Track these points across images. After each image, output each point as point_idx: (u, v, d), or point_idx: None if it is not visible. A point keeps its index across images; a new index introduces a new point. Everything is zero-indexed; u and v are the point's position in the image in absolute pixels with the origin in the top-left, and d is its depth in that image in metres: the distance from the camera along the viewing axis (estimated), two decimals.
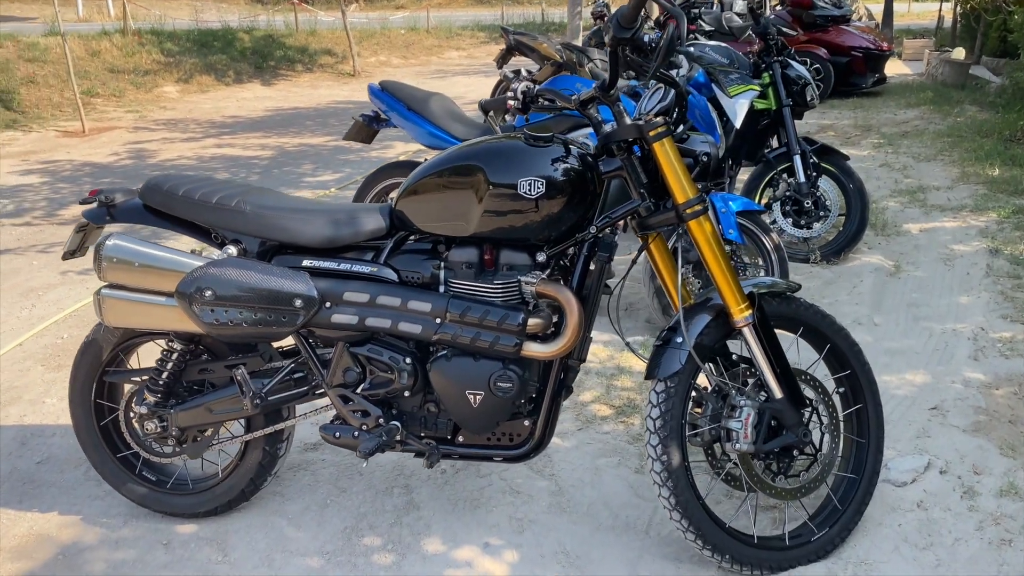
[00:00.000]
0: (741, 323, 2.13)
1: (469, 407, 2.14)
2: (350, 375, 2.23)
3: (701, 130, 3.52)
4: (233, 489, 2.48)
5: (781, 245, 3.57)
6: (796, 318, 2.27)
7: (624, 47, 1.92)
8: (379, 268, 2.19)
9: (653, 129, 2.05)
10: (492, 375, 2.11)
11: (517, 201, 2.04)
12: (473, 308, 2.08)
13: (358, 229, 2.20)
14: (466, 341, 2.09)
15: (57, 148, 9.55)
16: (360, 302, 2.15)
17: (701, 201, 2.08)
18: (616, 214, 2.13)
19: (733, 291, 2.12)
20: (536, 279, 2.09)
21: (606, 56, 5.65)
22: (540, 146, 2.07)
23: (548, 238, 2.11)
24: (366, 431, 2.24)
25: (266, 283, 2.13)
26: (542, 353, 2.09)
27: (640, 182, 2.11)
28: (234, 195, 2.25)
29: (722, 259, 2.11)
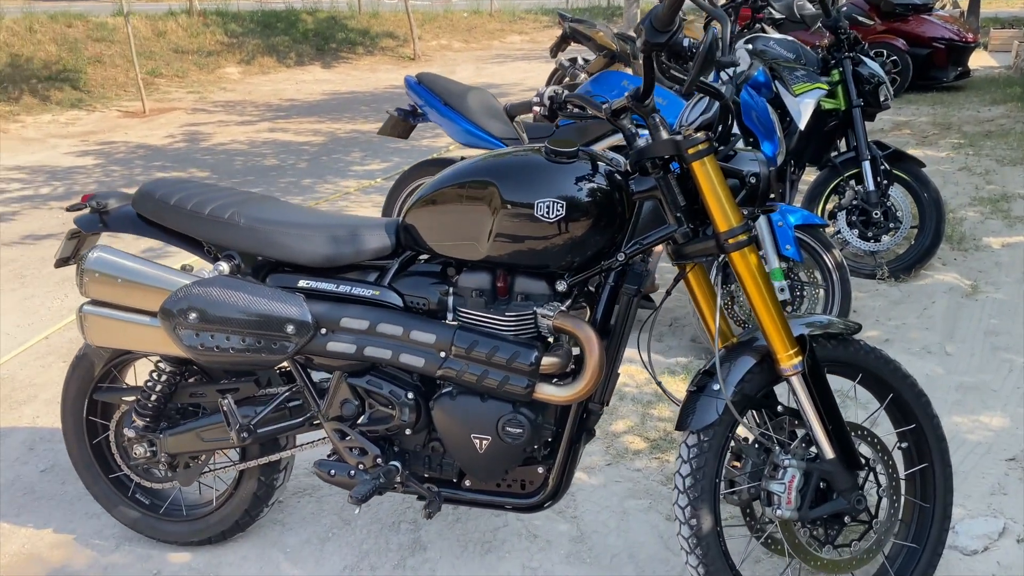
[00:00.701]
0: (789, 372, 1.85)
1: (474, 452, 1.92)
2: (348, 408, 2.02)
3: (759, 136, 3.20)
4: (227, 519, 2.30)
5: (844, 263, 3.24)
6: (854, 363, 1.98)
7: (659, 52, 1.65)
8: (382, 291, 1.98)
9: (692, 146, 1.78)
10: (500, 419, 1.87)
11: (534, 224, 1.79)
12: (481, 342, 1.85)
13: (360, 248, 1.98)
14: (472, 379, 1.86)
15: (116, 129, 9.62)
16: (359, 329, 1.94)
17: (746, 230, 1.81)
18: (648, 240, 1.87)
19: (781, 334, 1.84)
20: (554, 311, 1.84)
21: None
22: (562, 162, 1.82)
23: (569, 265, 1.86)
24: (363, 470, 2.04)
25: (255, 306, 1.93)
26: (557, 397, 1.85)
27: (677, 205, 1.84)
28: (229, 206, 2.05)
29: (768, 296, 1.84)
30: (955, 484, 2.46)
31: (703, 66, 1.61)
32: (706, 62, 1.61)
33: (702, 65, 1.61)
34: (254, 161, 7.49)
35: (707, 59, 1.60)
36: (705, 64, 1.61)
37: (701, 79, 1.74)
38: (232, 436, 2.03)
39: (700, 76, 1.63)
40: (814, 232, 3.23)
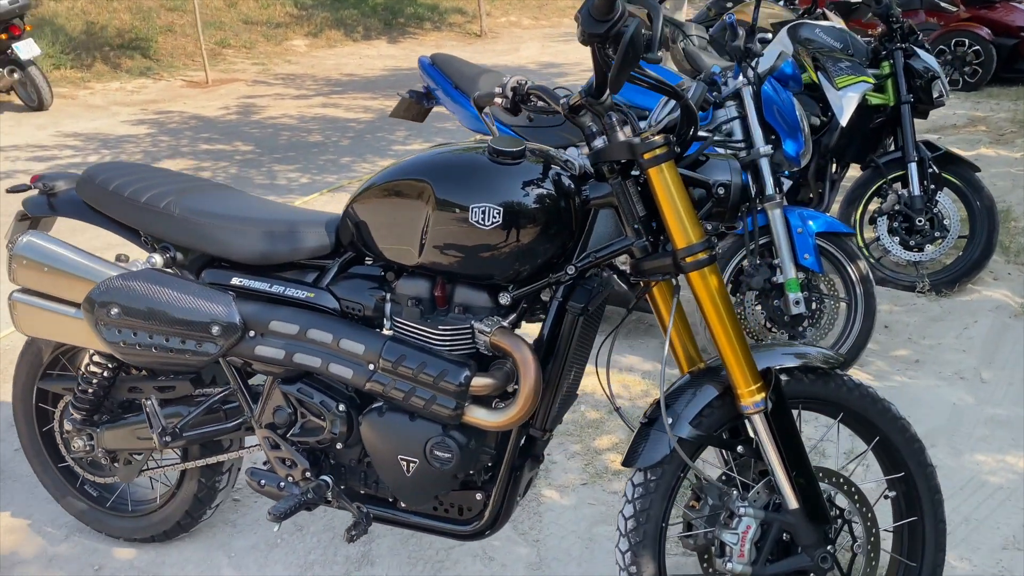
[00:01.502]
0: (750, 409, 1.64)
1: (402, 474, 1.76)
2: (280, 415, 1.89)
3: (780, 133, 2.94)
4: (169, 519, 2.21)
5: (870, 276, 2.96)
6: (835, 401, 1.76)
7: (601, 44, 1.45)
8: (317, 294, 1.83)
9: (648, 150, 1.57)
10: (429, 441, 1.72)
11: (468, 230, 1.62)
12: (409, 357, 1.69)
13: (296, 245, 1.84)
14: (399, 396, 1.71)
15: (177, 98, 9.74)
16: (288, 334, 1.80)
17: (707, 247, 1.60)
18: (603, 253, 1.67)
19: (743, 366, 1.63)
20: (492, 327, 1.66)
21: (704, 33, 5.04)
22: (506, 163, 1.64)
23: (514, 277, 1.68)
24: (293, 483, 1.91)
25: (180, 303, 1.81)
26: (487, 423, 1.68)
27: (634, 215, 1.64)
28: (167, 195, 1.94)
29: (729, 324, 1.63)
30: (965, 533, 2.23)
31: (623, 63, 1.40)
32: (627, 58, 1.39)
33: (622, 62, 1.40)
34: (299, 136, 7.45)
35: (627, 55, 1.39)
36: (625, 61, 1.39)
37: (653, 76, 1.53)
38: (154, 439, 1.93)
39: (622, 74, 1.42)
40: (839, 240, 2.96)
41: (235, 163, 6.58)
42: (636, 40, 1.37)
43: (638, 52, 1.39)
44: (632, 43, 1.36)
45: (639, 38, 1.37)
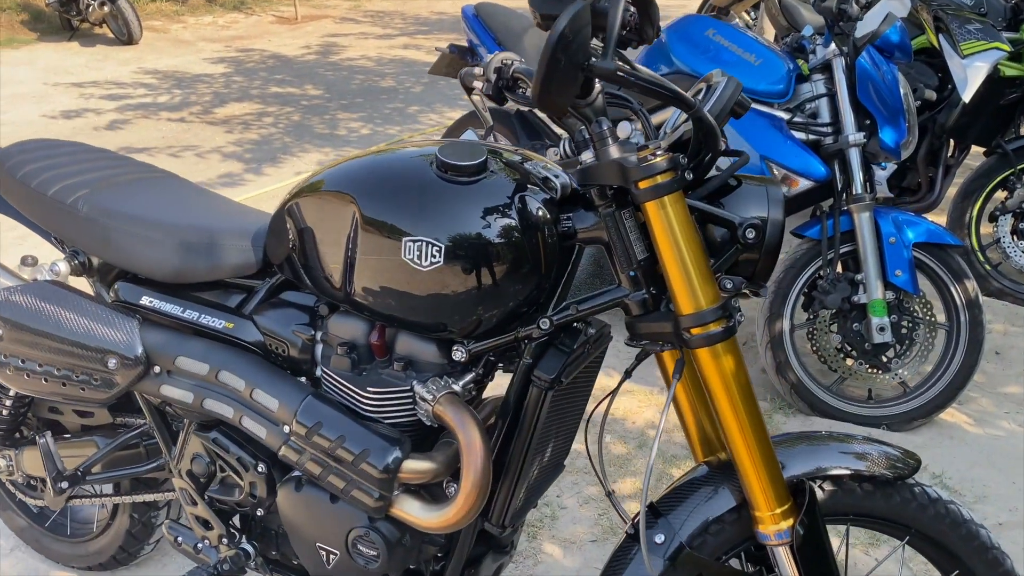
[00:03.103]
0: (770, 540, 1.19)
1: (321, 565, 1.40)
2: (199, 464, 1.55)
3: (878, 118, 2.36)
4: (104, 552, 1.94)
5: (979, 301, 2.39)
6: (900, 521, 1.29)
7: None
8: (237, 324, 1.46)
9: (647, 176, 1.11)
10: (351, 532, 1.34)
11: (401, 268, 1.21)
12: (328, 423, 1.31)
13: (216, 262, 1.47)
14: (315, 472, 1.33)
15: (263, 35, 9.55)
16: (197, 374, 1.44)
17: (723, 315, 1.14)
18: (587, 305, 1.23)
19: (763, 481, 1.18)
20: (437, 392, 1.26)
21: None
22: (457, 181, 1.20)
23: (469, 329, 1.26)
24: (211, 546, 1.58)
25: (74, 328, 1.48)
26: (419, 522, 1.29)
27: (630, 257, 1.19)
28: (80, 187, 1.59)
29: (748, 421, 1.18)
30: None
31: (548, 73, 0.93)
32: (554, 66, 0.92)
33: (546, 72, 0.93)
34: (372, 81, 7.11)
35: (554, 62, 0.91)
36: (552, 69, 0.92)
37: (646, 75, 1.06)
38: (48, 483, 1.62)
39: (551, 86, 0.95)
40: (942, 254, 2.39)
41: (300, 109, 6.29)
42: (566, 42, 0.90)
43: (575, 60, 0.93)
44: (562, 46, 0.90)
45: (574, 38, 0.90)
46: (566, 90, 0.97)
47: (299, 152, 5.32)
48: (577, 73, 0.95)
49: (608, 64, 0.94)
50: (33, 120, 6.03)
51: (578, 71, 0.95)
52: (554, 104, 0.98)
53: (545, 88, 0.94)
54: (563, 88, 0.96)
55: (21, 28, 9.30)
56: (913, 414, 2.43)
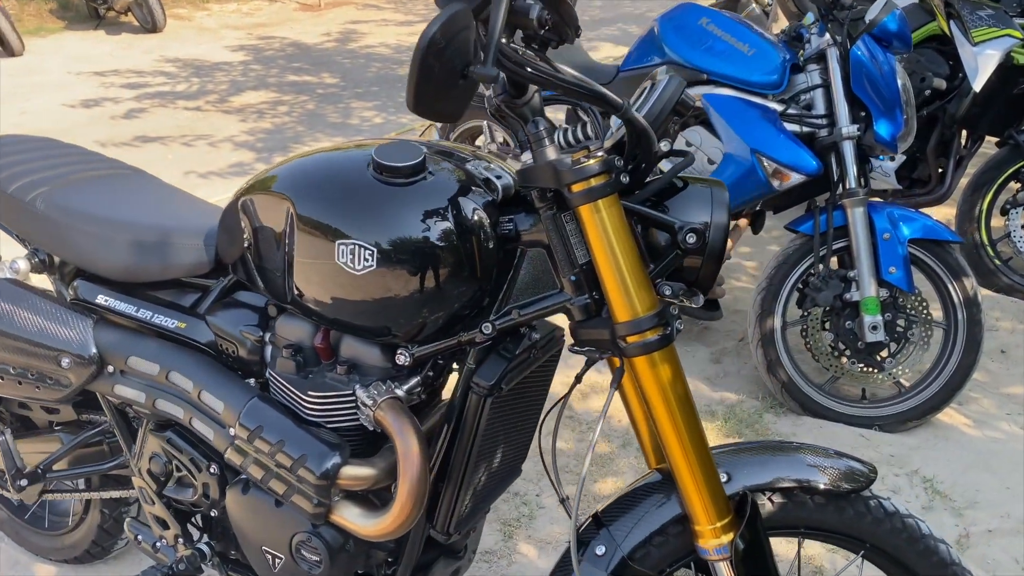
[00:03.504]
0: (708, 555, 1.15)
1: (267, 568, 1.39)
2: (156, 464, 1.54)
3: (873, 111, 2.28)
4: (79, 546, 1.95)
5: (978, 299, 2.31)
6: (854, 535, 1.24)
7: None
8: (189, 324, 1.45)
9: (580, 179, 1.07)
10: (294, 536, 1.32)
11: (336, 272, 1.18)
12: (269, 427, 1.29)
13: (168, 261, 1.45)
14: (258, 476, 1.32)
15: (285, 22, 9.58)
16: (148, 374, 1.43)
17: (660, 323, 1.10)
18: (529, 310, 1.20)
19: (702, 494, 1.14)
20: (379, 397, 1.23)
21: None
22: (394, 182, 1.17)
23: (411, 334, 1.23)
24: (168, 545, 1.58)
25: (28, 326, 1.48)
26: (357, 528, 1.27)
27: (571, 261, 1.15)
28: (41, 184, 1.58)
29: (686, 432, 1.14)
30: None
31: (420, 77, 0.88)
32: (425, 72, 0.88)
33: (418, 74, 0.88)
34: (389, 69, 7.09)
35: (425, 66, 0.87)
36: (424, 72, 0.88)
37: (569, 75, 1.02)
38: (7, 482, 1.63)
39: (425, 92, 0.90)
40: (939, 250, 2.31)
41: (315, 98, 6.29)
42: (438, 49, 0.86)
43: (451, 67, 0.89)
44: (433, 52, 0.86)
45: (448, 43, 0.86)
46: (449, 98, 0.93)
47: (310, 142, 5.32)
48: (457, 79, 0.91)
49: (488, 70, 0.90)
50: (53, 109, 6.10)
51: (458, 77, 0.91)
52: (436, 112, 0.95)
53: (420, 96, 0.90)
54: (443, 95, 0.92)
55: (50, 17, 9.42)
56: (908, 415, 2.36)
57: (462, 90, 0.94)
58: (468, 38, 0.91)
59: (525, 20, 0.97)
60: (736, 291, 3.19)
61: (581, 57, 2.98)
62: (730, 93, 2.39)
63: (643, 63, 2.57)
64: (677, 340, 1.15)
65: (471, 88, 0.96)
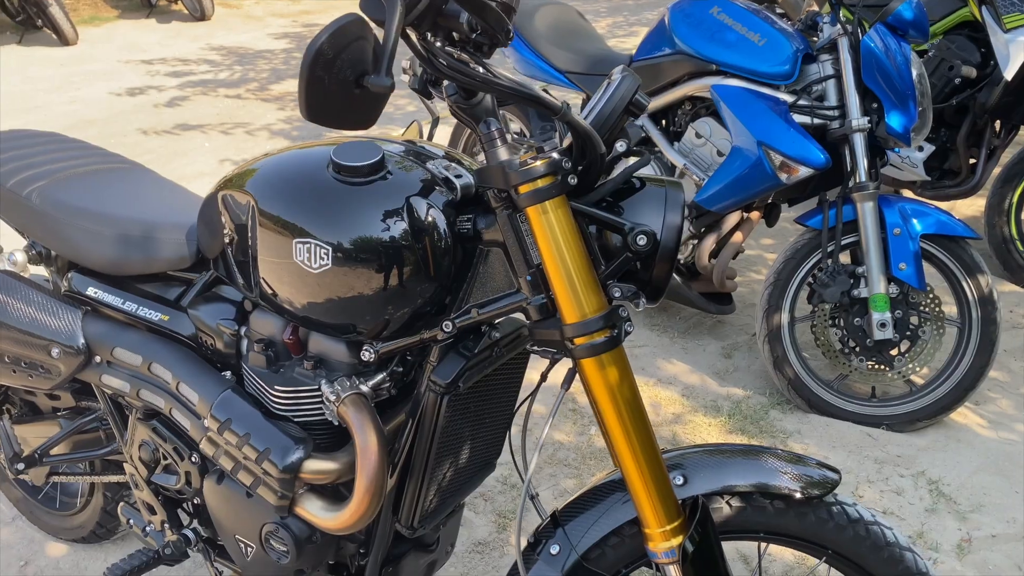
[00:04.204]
0: (660, 558, 1.15)
1: (241, 557, 1.43)
2: (145, 451, 1.59)
3: (884, 103, 2.21)
4: (85, 526, 2.03)
5: (994, 297, 2.24)
6: (815, 541, 1.22)
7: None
8: (173, 316, 1.49)
9: (528, 181, 1.07)
10: (263, 526, 1.36)
11: (295, 270, 1.20)
12: (238, 419, 1.32)
13: (151, 255, 1.49)
14: (228, 467, 1.35)
15: (330, 9, 9.68)
16: (132, 364, 1.48)
17: (607, 324, 1.10)
18: (488, 309, 1.20)
19: (651, 496, 1.14)
20: (343, 392, 1.25)
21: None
22: (351, 182, 1.19)
23: (374, 331, 1.25)
24: (156, 530, 1.63)
25: (21, 317, 1.54)
26: (318, 522, 1.29)
27: (526, 260, 1.15)
28: (38, 179, 1.64)
29: (635, 434, 1.13)
30: None
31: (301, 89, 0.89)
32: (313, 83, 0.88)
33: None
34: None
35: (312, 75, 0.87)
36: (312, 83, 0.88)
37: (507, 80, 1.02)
38: (4, 466, 1.69)
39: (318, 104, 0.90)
40: (953, 246, 2.24)
41: None
42: (324, 59, 0.86)
43: (341, 77, 0.89)
44: (319, 63, 0.86)
45: (336, 54, 0.86)
46: (348, 105, 0.94)
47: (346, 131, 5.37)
48: (352, 89, 0.92)
49: (382, 80, 0.90)
50: (100, 97, 6.27)
51: (353, 87, 0.91)
52: (339, 120, 0.95)
53: (311, 106, 0.91)
54: (340, 104, 0.93)
55: (104, 6, 9.65)
56: (917, 414, 2.31)
57: (364, 98, 0.94)
58: (362, 47, 0.91)
59: (455, 24, 0.97)
60: (753, 284, 3.14)
61: (597, 46, 2.95)
62: (740, 84, 2.34)
63: (654, 54, 2.54)
64: (688, 333, 1.15)
65: (376, 96, 0.96)
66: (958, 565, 1.89)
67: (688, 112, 2.56)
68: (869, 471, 2.17)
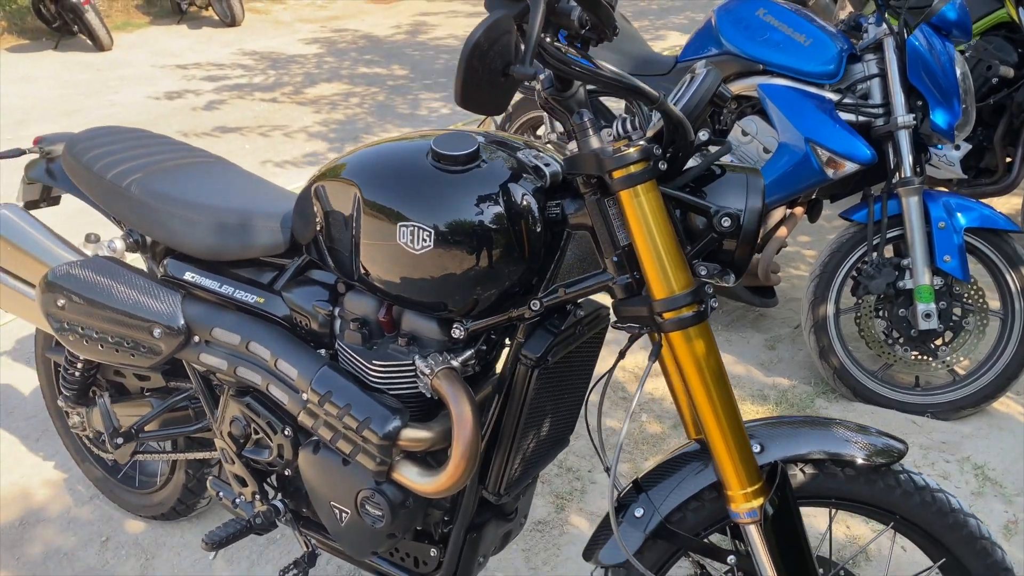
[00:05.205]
0: (740, 518, 1.23)
1: (336, 522, 1.52)
2: (236, 426, 1.69)
3: (930, 101, 2.29)
4: (165, 503, 2.13)
5: None
6: (884, 507, 1.30)
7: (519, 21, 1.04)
8: (267, 299, 1.59)
9: (621, 166, 1.16)
10: (359, 493, 1.45)
11: (398, 251, 1.29)
12: (338, 392, 1.41)
13: (247, 242, 1.59)
14: (327, 436, 1.44)
15: (356, 15, 9.80)
16: (230, 344, 1.58)
17: (695, 300, 1.18)
18: (574, 288, 1.30)
19: (735, 461, 1.22)
20: (436, 366, 1.35)
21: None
22: (450, 170, 1.28)
23: (466, 309, 1.34)
24: (246, 502, 1.73)
25: (125, 299, 1.63)
26: (415, 486, 1.38)
27: (613, 243, 1.24)
28: (134, 171, 1.74)
29: (720, 403, 1.21)
30: None
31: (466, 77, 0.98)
32: (471, 72, 0.97)
33: (464, 76, 0.98)
34: (456, 61, 7.22)
35: (470, 65, 0.97)
36: (470, 75, 0.98)
37: (609, 72, 1.11)
38: (105, 439, 1.80)
39: (469, 89, 1.00)
40: (997, 239, 2.31)
41: (385, 89, 6.47)
42: (481, 51, 0.96)
43: (492, 66, 0.98)
44: (477, 54, 0.96)
45: (491, 46, 0.96)
46: (493, 93, 1.03)
47: (380, 132, 5.49)
48: (499, 78, 1.01)
49: (526, 69, 0.99)
50: (139, 101, 6.41)
51: (500, 76, 1.01)
52: (483, 105, 1.05)
53: (466, 93, 1.01)
54: (487, 91, 1.02)
55: (135, 12, 9.84)
56: (961, 403, 2.38)
57: (504, 86, 1.04)
58: (509, 41, 1.01)
59: (567, 20, 1.07)
60: (793, 279, 3.22)
61: (641, 48, 3.04)
62: (786, 83, 2.43)
63: (700, 54, 2.62)
64: (732, 326, 1.24)
65: (513, 84, 1.05)
66: (1006, 545, 1.96)
67: (734, 111, 2.64)
68: (915, 457, 2.24)
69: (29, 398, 2.80)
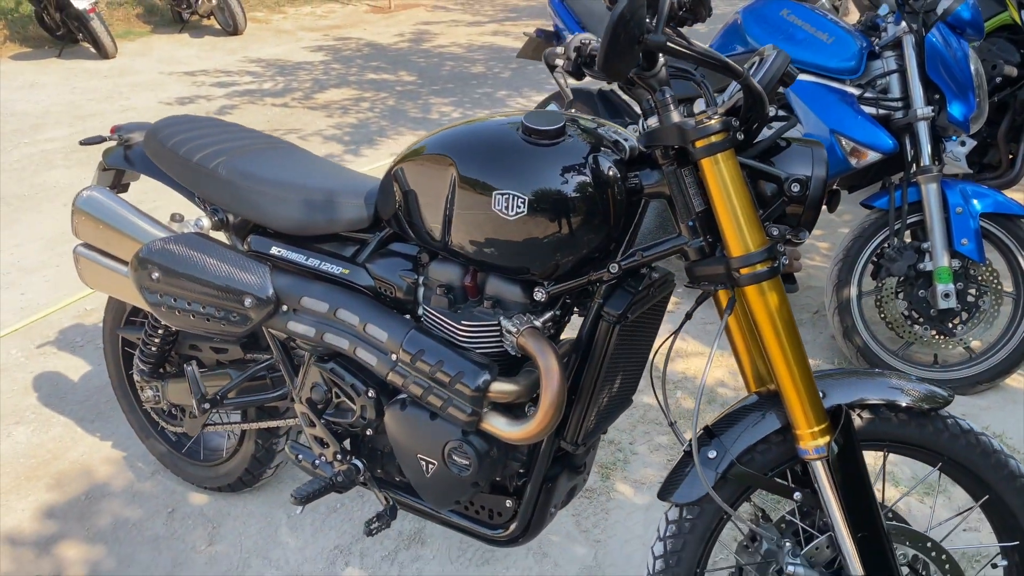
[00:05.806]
0: (808, 455, 1.36)
1: (421, 474, 1.64)
2: (317, 392, 1.81)
3: (947, 94, 2.45)
4: (232, 474, 2.23)
5: None
6: (933, 447, 1.44)
7: None
8: (352, 270, 1.71)
9: (703, 136, 1.30)
10: (447, 444, 1.57)
11: (492, 218, 1.42)
12: (429, 351, 1.54)
13: (333, 216, 1.72)
14: (418, 393, 1.57)
15: (358, 24, 9.93)
16: (319, 312, 1.70)
17: (769, 256, 1.32)
18: (651, 251, 1.43)
19: (804, 402, 1.36)
20: (520, 326, 1.47)
21: None
22: (540, 143, 1.41)
23: (549, 272, 1.47)
24: (326, 462, 1.84)
25: (217, 271, 1.75)
26: (502, 434, 1.51)
27: (689, 209, 1.38)
28: (219, 155, 1.87)
29: (790, 350, 1.35)
30: None
31: (610, 48, 1.12)
32: (615, 41, 1.11)
33: (608, 47, 1.12)
34: (463, 67, 7.36)
35: (616, 38, 1.11)
36: (614, 44, 1.11)
37: (699, 49, 1.24)
38: (192, 404, 1.91)
39: (612, 59, 1.14)
40: (1010, 224, 2.47)
41: (394, 94, 6.60)
42: (625, 20, 1.09)
43: (632, 34, 1.12)
44: (621, 23, 1.09)
45: (632, 16, 1.10)
46: (626, 59, 1.17)
47: (394, 135, 5.62)
48: (633, 45, 1.15)
49: (659, 37, 1.13)
50: (152, 106, 6.51)
51: (634, 43, 1.14)
52: (616, 71, 1.18)
53: (608, 58, 1.14)
54: (623, 58, 1.16)
55: (136, 21, 9.93)
56: (978, 378, 2.53)
57: (632, 55, 1.18)
58: (643, 13, 1.14)
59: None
60: (809, 269, 3.36)
61: None
62: (810, 79, 2.58)
63: (726, 52, 2.77)
64: None
65: (634, 55, 1.19)
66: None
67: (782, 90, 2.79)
68: None
69: (79, 383, 2.90)
